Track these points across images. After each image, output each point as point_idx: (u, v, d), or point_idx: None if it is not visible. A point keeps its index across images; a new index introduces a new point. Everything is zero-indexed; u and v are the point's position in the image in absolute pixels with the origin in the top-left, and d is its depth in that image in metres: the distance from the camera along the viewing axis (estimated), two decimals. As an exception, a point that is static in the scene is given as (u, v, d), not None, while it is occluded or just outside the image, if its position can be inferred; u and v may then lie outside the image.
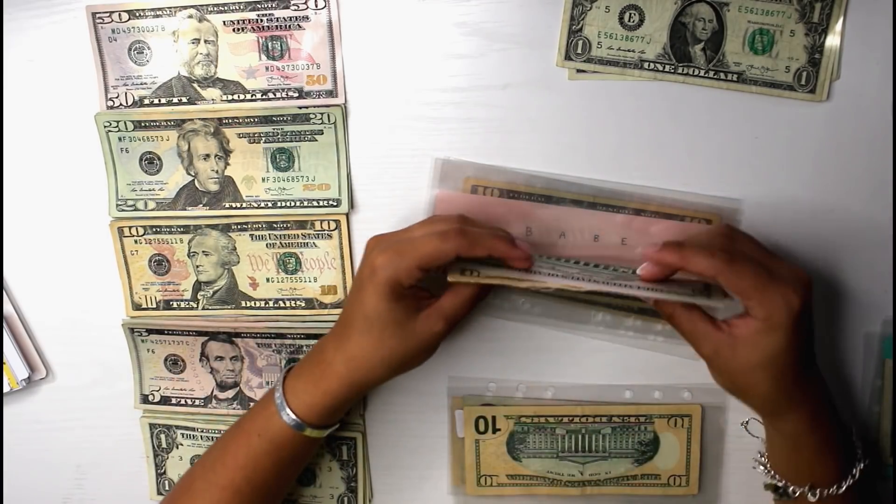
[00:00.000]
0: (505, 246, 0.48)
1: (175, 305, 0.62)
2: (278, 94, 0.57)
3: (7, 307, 0.63)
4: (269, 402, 0.54)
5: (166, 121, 0.58)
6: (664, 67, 0.54)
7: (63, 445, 0.66)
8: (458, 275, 0.49)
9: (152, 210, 0.60)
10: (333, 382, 0.52)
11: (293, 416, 0.52)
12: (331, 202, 0.58)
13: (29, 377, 0.63)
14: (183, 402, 0.64)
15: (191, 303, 0.62)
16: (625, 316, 0.58)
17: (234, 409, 0.63)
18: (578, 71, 0.54)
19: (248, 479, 0.53)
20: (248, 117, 0.57)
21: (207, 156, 0.58)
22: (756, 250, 0.48)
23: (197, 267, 0.61)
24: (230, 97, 0.57)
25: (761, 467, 0.55)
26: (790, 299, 0.46)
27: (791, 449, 0.52)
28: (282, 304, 0.61)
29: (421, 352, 0.51)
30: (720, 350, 0.48)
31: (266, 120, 0.57)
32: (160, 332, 0.62)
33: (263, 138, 0.58)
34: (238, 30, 0.56)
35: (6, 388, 0.63)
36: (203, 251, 0.60)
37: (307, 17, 0.55)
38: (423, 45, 0.55)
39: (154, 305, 0.62)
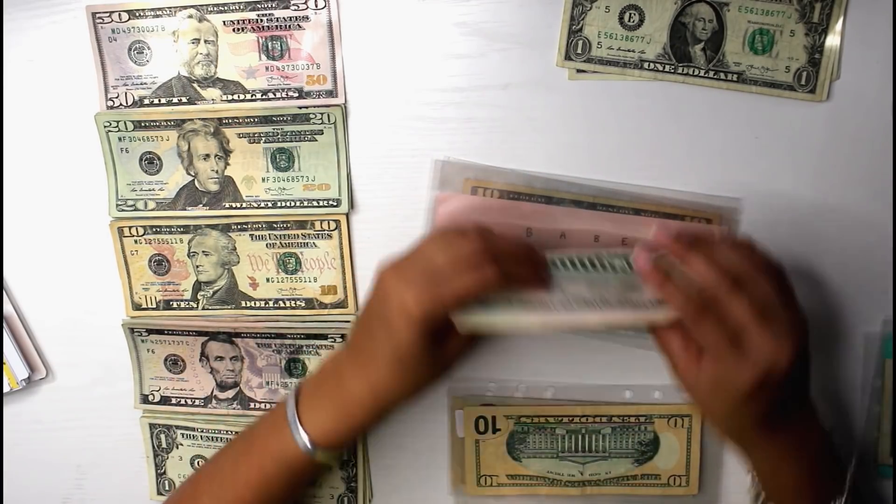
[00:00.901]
0: (534, 275, 0.48)
1: (175, 305, 0.62)
2: (278, 94, 0.57)
3: (7, 307, 0.63)
4: (283, 426, 0.51)
5: (166, 121, 0.58)
6: (664, 67, 0.54)
7: (63, 445, 0.66)
8: (466, 324, 0.48)
9: (152, 210, 0.60)
10: (360, 415, 0.50)
11: (315, 448, 0.50)
12: (331, 202, 0.58)
13: (29, 377, 0.63)
14: (183, 402, 0.64)
15: (191, 303, 0.62)
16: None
17: (234, 409, 0.63)
18: (578, 71, 0.54)
19: (258, 499, 0.52)
20: (248, 117, 0.57)
21: (207, 156, 0.58)
22: (745, 310, 0.44)
23: (197, 267, 0.61)
24: (230, 97, 0.57)
25: (750, 474, 0.54)
26: (741, 384, 0.44)
27: (769, 473, 0.51)
28: (282, 304, 0.61)
29: (450, 369, 0.50)
30: (685, 379, 0.48)
31: (266, 120, 0.57)
32: (160, 332, 0.62)
33: (263, 138, 0.58)
34: (238, 30, 0.56)
35: (6, 388, 0.63)
36: (203, 251, 0.60)
37: (307, 17, 0.55)
38: (423, 45, 0.55)
39: (154, 305, 0.62)
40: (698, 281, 0.45)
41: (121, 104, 0.58)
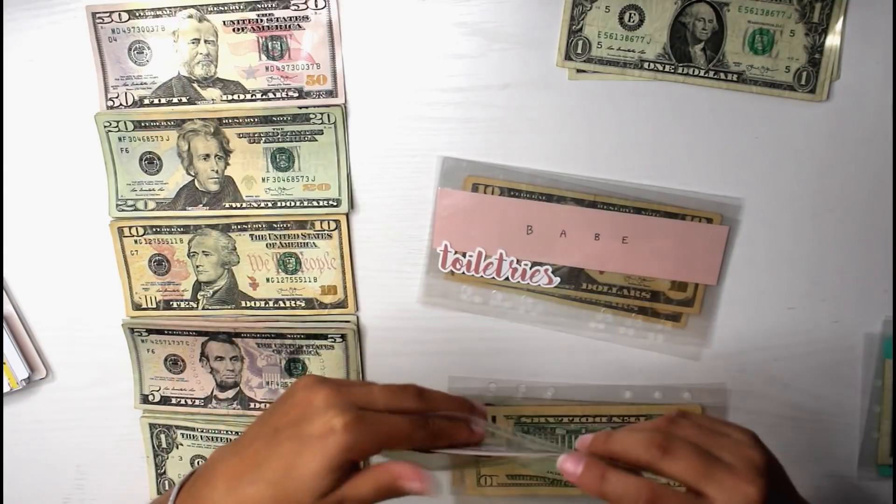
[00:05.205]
0: (465, 433, 0.45)
1: (175, 305, 0.62)
2: (278, 94, 0.57)
3: (7, 307, 0.63)
4: None
5: (166, 121, 0.58)
6: (664, 67, 0.54)
7: (63, 445, 0.66)
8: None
9: (152, 210, 0.60)
10: None
11: None
12: (331, 202, 0.58)
13: (29, 377, 0.63)
14: (183, 402, 0.64)
15: (191, 303, 0.62)
16: (625, 316, 0.58)
17: (234, 409, 0.63)
18: (578, 71, 0.54)
19: None
20: (248, 117, 0.57)
21: (207, 156, 0.58)
22: (697, 432, 0.42)
23: (197, 267, 0.61)
24: (230, 97, 0.57)
25: None
26: (746, 491, 0.39)
27: None
28: (282, 304, 0.61)
29: None
30: None
31: (266, 120, 0.57)
32: (160, 332, 0.62)
33: (263, 138, 0.58)
34: (238, 30, 0.56)
35: (6, 388, 0.63)
36: (203, 251, 0.60)
37: (307, 17, 0.55)
38: (423, 45, 0.55)
39: (154, 305, 0.62)
40: (631, 469, 0.42)
41: (121, 104, 0.58)
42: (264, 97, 0.57)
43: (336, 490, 0.41)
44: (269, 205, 0.59)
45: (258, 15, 0.56)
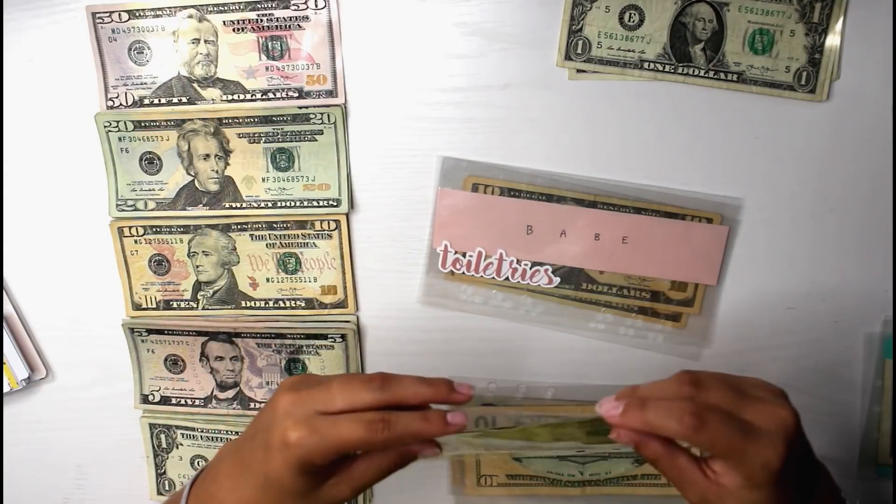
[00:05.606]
0: (438, 427, 0.44)
1: (175, 305, 0.62)
2: (278, 94, 0.57)
3: (7, 307, 0.63)
4: None
5: (166, 121, 0.58)
6: (664, 67, 0.54)
7: (63, 445, 0.66)
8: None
9: (152, 210, 0.60)
10: None
11: None
12: (331, 202, 0.58)
13: (29, 377, 0.63)
14: (183, 402, 0.64)
15: (191, 303, 0.62)
16: (625, 316, 0.58)
17: (234, 409, 0.63)
18: (578, 71, 0.54)
19: None
20: (248, 117, 0.57)
21: (207, 156, 0.58)
22: (726, 396, 0.42)
23: (197, 267, 0.61)
24: (230, 97, 0.57)
25: None
26: (769, 459, 0.40)
27: None
28: (282, 304, 0.61)
29: None
30: (708, 498, 0.43)
31: (266, 120, 0.57)
32: (160, 332, 0.62)
33: (263, 138, 0.58)
34: (238, 30, 0.56)
35: (6, 388, 0.63)
36: (203, 251, 0.60)
37: (307, 17, 0.55)
38: (423, 45, 0.55)
39: (154, 305, 0.62)
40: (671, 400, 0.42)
41: (121, 104, 0.58)
42: (264, 97, 0.57)
43: (322, 485, 0.44)
44: (269, 205, 0.59)
45: (258, 15, 0.56)
